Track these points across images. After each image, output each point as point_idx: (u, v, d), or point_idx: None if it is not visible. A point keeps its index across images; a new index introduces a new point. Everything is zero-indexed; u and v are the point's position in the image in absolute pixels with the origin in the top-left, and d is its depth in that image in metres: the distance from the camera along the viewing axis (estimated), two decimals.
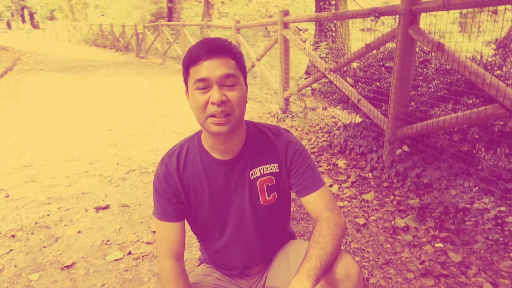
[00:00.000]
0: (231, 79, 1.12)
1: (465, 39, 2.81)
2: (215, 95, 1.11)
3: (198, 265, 1.58)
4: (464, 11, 3.28)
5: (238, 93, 1.13)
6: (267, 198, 1.30)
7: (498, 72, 2.68)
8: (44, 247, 2.49)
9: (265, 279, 1.45)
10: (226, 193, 1.29)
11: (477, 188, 2.58)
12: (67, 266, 2.28)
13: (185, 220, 1.35)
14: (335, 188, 3.21)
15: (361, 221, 2.70)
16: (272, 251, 1.44)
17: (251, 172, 1.27)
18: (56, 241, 2.55)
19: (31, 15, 60.26)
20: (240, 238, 1.36)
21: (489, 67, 2.75)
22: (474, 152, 2.76)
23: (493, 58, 2.84)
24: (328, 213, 1.23)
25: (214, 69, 1.10)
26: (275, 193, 1.30)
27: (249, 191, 1.28)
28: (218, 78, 1.11)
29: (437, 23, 3.04)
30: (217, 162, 1.27)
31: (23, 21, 59.62)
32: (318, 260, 1.09)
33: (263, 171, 1.28)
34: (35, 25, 60.76)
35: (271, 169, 1.28)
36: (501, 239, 2.27)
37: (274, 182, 1.29)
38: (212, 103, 1.12)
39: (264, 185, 1.28)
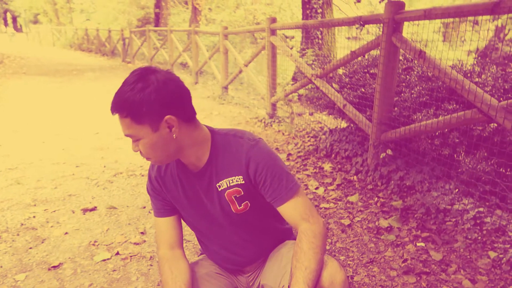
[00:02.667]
0: (131, 137, 1.18)
1: (448, 48, 2.91)
2: (132, 146, 1.22)
3: (199, 255, 1.62)
4: (447, 21, 3.41)
5: (143, 146, 1.18)
6: (239, 208, 1.31)
7: (477, 79, 2.80)
8: (31, 248, 2.48)
9: (260, 276, 1.47)
10: (199, 201, 1.34)
11: (457, 190, 2.66)
12: (54, 267, 2.28)
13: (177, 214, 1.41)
14: (321, 190, 3.27)
15: (346, 222, 2.76)
16: (266, 250, 1.45)
17: (218, 184, 1.29)
18: (42, 242, 2.55)
19: (14, 19, 59.48)
20: (224, 242, 1.40)
21: (468, 74, 2.86)
22: (455, 156, 2.84)
23: (473, 66, 2.96)
24: (305, 224, 1.24)
25: (121, 125, 1.18)
26: (247, 201, 1.31)
27: (219, 201, 1.31)
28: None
29: (420, 32, 3.15)
30: (189, 172, 1.32)
31: (6, 24, 58.80)
32: (305, 283, 1.12)
33: (229, 183, 1.28)
34: (18, 29, 59.92)
35: (236, 181, 1.27)
36: (479, 238, 2.36)
37: (242, 193, 1.29)
38: None
39: (232, 196, 1.29)
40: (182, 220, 1.45)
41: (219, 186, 1.29)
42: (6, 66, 12.94)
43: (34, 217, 2.89)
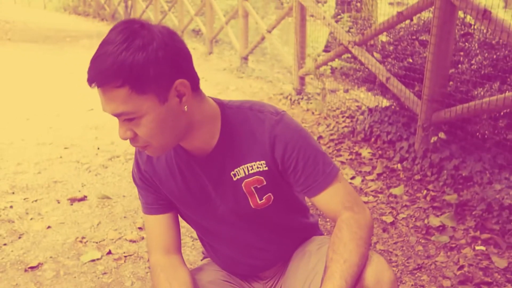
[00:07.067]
0: (124, 116, 1.06)
1: (509, 17, 2.88)
2: (119, 132, 1.09)
3: (202, 259, 1.62)
4: None
5: (147, 127, 1.06)
6: (259, 202, 1.27)
7: None
8: (5, 244, 2.49)
9: (282, 281, 1.45)
10: (205, 195, 1.28)
11: None
12: (32, 267, 2.28)
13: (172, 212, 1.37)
14: (358, 180, 3.30)
15: (389, 219, 2.75)
16: (288, 251, 1.43)
17: (233, 172, 1.23)
18: (19, 238, 2.56)
19: None
20: (238, 243, 1.37)
21: None
22: None
23: None
24: (348, 213, 1.21)
25: (105, 103, 1.06)
26: (270, 194, 1.27)
27: (233, 195, 1.26)
28: (113, 115, 1.07)
29: None
30: (192, 158, 1.24)
31: None
32: (343, 277, 1.09)
33: (248, 171, 1.23)
34: None
35: (257, 167, 1.22)
36: None
37: (265, 183, 1.24)
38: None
39: (252, 188, 1.25)
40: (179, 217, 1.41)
41: (235, 175, 1.23)
42: None
43: (11, 207, 2.91)
